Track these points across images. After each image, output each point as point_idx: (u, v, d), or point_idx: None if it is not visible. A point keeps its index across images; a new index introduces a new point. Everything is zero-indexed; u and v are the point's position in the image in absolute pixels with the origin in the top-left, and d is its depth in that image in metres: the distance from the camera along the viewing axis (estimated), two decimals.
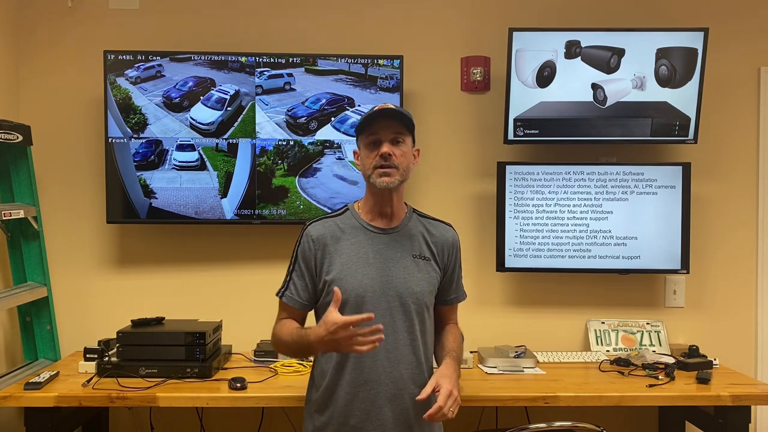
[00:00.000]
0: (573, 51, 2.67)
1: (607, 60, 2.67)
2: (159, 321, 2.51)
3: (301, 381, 1.89)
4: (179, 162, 2.69)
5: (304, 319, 1.84)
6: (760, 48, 2.88)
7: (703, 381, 2.35)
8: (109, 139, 2.67)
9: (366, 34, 2.85)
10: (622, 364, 2.55)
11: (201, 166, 2.70)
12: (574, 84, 2.69)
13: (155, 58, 2.67)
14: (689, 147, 2.82)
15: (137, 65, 2.66)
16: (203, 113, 2.69)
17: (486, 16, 2.87)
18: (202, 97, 2.69)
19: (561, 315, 2.89)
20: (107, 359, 2.32)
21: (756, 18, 2.88)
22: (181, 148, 2.69)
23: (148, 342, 2.35)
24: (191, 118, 2.69)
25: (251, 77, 2.70)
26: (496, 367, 2.49)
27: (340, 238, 1.79)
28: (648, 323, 2.84)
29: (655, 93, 2.68)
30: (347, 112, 2.73)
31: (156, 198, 2.69)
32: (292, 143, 2.72)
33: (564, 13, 2.85)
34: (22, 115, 2.77)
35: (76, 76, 2.80)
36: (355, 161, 1.83)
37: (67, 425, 2.34)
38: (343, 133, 2.72)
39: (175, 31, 2.81)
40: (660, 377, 2.39)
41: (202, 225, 2.78)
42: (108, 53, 2.66)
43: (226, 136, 2.70)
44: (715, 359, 2.59)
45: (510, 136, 2.72)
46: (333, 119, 2.73)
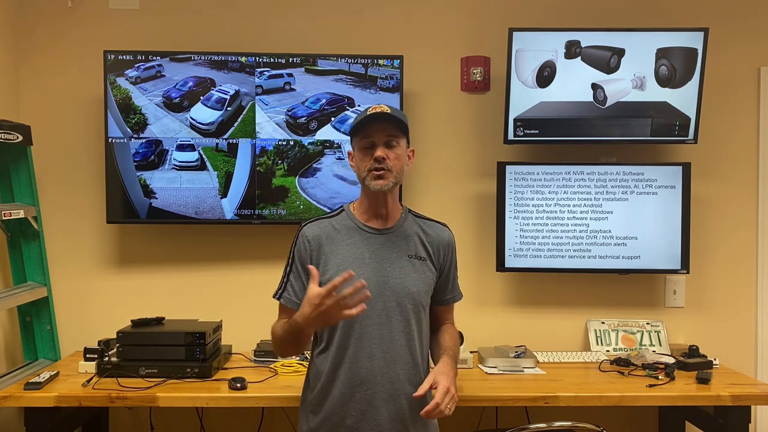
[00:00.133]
0: (573, 51, 2.67)
1: (607, 60, 2.67)
2: (159, 321, 2.51)
3: (301, 381, 1.89)
4: (179, 162, 2.69)
5: None
6: (760, 48, 2.88)
7: (703, 381, 2.35)
8: (109, 139, 2.67)
9: (366, 34, 2.85)
10: (622, 364, 2.55)
11: (201, 166, 2.70)
12: (574, 84, 2.69)
13: (155, 58, 2.67)
14: (689, 147, 2.82)
15: (137, 65, 2.66)
16: (203, 113, 2.69)
17: (486, 16, 2.87)
18: (202, 97, 2.69)
19: (561, 315, 2.89)
20: (107, 359, 2.32)
21: (756, 18, 2.88)
22: (181, 148, 2.69)
23: (148, 342, 2.35)
24: (191, 118, 2.69)
25: (251, 77, 2.70)
26: (496, 367, 2.49)
27: (335, 238, 1.79)
28: (648, 323, 2.84)
29: (655, 93, 2.68)
30: (347, 112, 2.73)
31: (156, 198, 2.69)
32: (292, 143, 2.72)
33: (564, 13, 2.85)
34: (22, 115, 2.77)
35: (76, 76, 2.80)
36: (350, 162, 1.83)
37: (67, 425, 2.34)
38: (343, 133, 2.72)
39: (175, 31, 2.81)
40: (660, 377, 2.39)
41: (202, 225, 2.78)
42: (108, 53, 2.66)
43: (226, 136, 2.70)
44: (715, 359, 2.59)
45: (510, 136, 2.72)
46: (333, 119, 2.73)
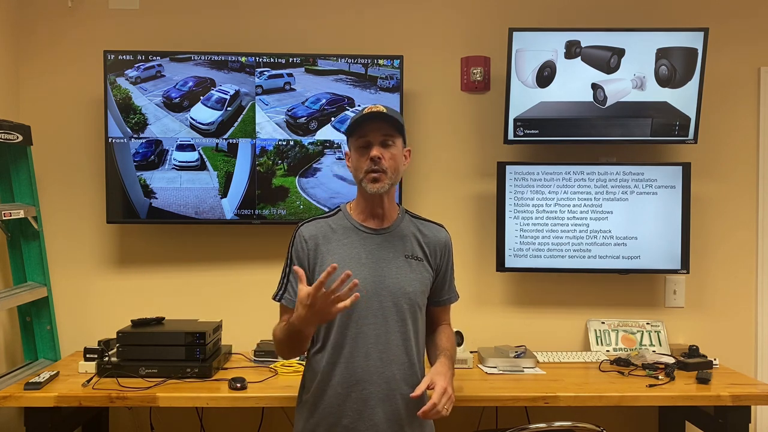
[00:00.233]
0: (573, 51, 2.67)
1: (607, 60, 2.67)
2: (159, 321, 2.51)
3: None
4: (179, 162, 2.69)
5: None
6: (760, 48, 2.88)
7: (703, 381, 2.35)
8: (109, 139, 2.67)
9: (366, 34, 2.85)
10: (622, 364, 2.55)
11: (201, 166, 2.70)
12: (574, 84, 2.69)
13: (155, 58, 2.67)
14: (689, 147, 2.82)
15: (137, 65, 2.66)
16: (203, 113, 2.69)
17: (486, 16, 2.87)
18: (202, 97, 2.69)
19: (561, 315, 2.89)
20: (107, 359, 2.32)
21: (756, 18, 2.88)
22: (181, 148, 2.69)
23: (148, 342, 2.35)
24: (191, 118, 2.69)
25: (251, 77, 2.70)
26: (496, 367, 2.49)
27: (331, 238, 1.78)
28: (648, 323, 2.84)
29: (655, 93, 2.68)
30: (347, 112, 2.73)
31: (156, 198, 2.69)
32: (292, 143, 2.72)
33: (564, 13, 2.85)
34: (22, 115, 2.77)
35: (76, 76, 2.80)
36: (347, 163, 1.83)
37: (67, 425, 2.34)
38: (343, 134, 2.72)
39: (175, 31, 2.81)
40: (660, 377, 2.39)
41: (202, 225, 2.78)
42: (108, 53, 2.66)
43: (226, 136, 2.70)
44: (715, 359, 2.59)
45: (510, 136, 2.72)
46: (333, 119, 2.73)
